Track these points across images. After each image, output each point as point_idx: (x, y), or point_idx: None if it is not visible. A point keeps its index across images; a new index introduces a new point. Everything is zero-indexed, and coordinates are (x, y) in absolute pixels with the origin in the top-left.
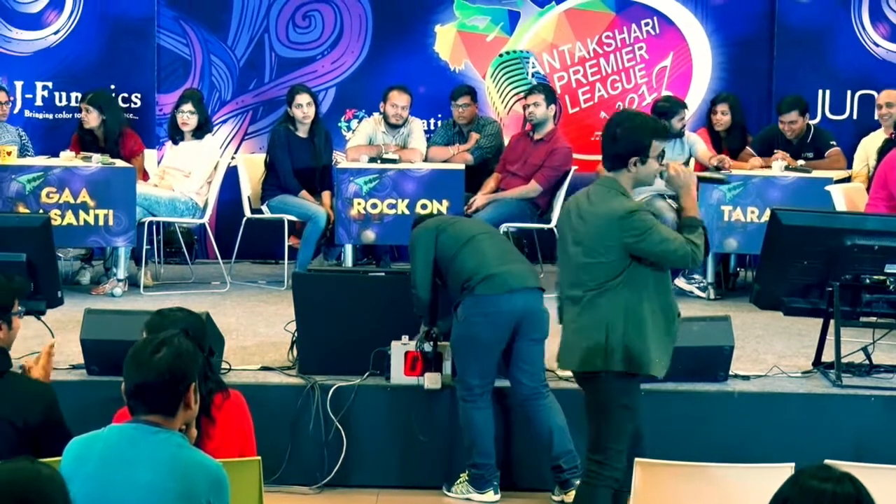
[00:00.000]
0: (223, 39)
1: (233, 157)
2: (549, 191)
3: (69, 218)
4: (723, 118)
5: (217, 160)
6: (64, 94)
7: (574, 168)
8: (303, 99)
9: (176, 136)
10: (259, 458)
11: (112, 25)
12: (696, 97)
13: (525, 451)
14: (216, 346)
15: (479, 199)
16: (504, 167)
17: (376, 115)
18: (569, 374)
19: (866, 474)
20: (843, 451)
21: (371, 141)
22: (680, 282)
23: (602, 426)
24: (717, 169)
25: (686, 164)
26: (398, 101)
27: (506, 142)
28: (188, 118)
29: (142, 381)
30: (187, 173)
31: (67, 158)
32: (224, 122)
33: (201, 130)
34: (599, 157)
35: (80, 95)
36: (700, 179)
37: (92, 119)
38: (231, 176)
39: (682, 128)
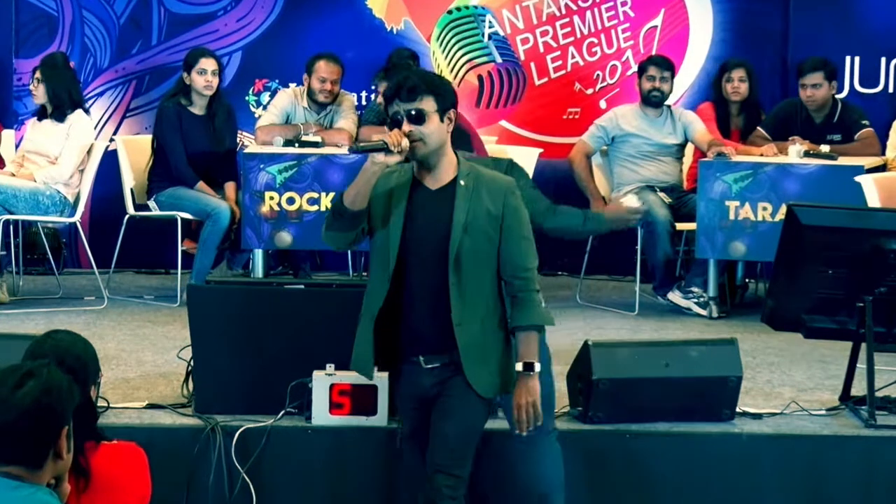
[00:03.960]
0: None
1: (111, 140)
2: None
3: None
4: (741, 86)
5: (91, 143)
6: None
7: (540, 152)
8: (209, 64)
9: (44, 112)
10: None
11: None
12: (693, 65)
13: None
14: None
15: None
16: None
17: (295, 86)
18: None
19: None
20: None
21: (289, 119)
22: (675, 296)
23: None
24: (720, 156)
25: (681, 148)
26: (326, 73)
27: None
28: None
29: (0, 423)
30: (53, 159)
31: None
32: (100, 94)
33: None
34: (573, 140)
35: None
36: None
37: None
38: (109, 163)
39: (651, 90)
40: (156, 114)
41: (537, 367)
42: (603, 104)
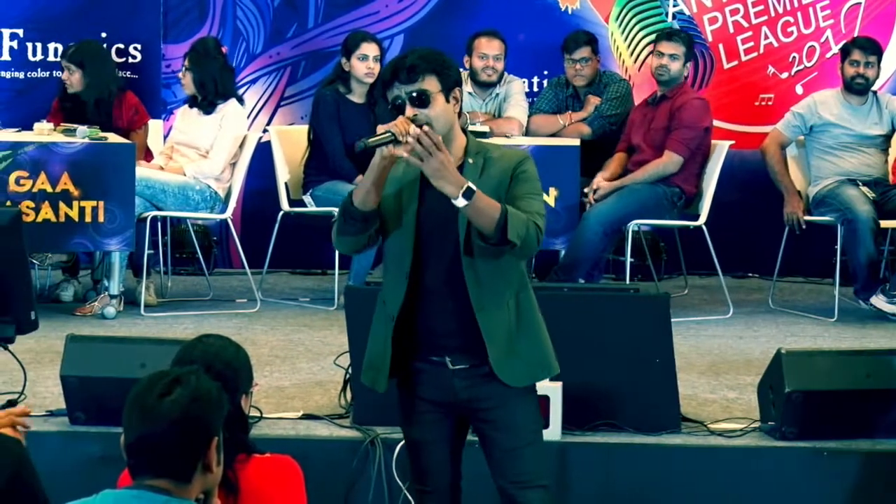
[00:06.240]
0: None
1: (264, 130)
2: (695, 170)
3: (45, 212)
4: None
5: (244, 134)
6: (39, 46)
7: (730, 143)
8: (370, 49)
9: (195, 100)
10: None
11: None
12: None
13: None
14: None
15: (603, 185)
16: (627, 144)
17: (461, 72)
18: None
19: None
20: None
21: None
22: (878, 301)
23: None
24: None
25: (887, 139)
26: (488, 49)
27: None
28: None
29: (147, 433)
30: (204, 152)
31: (43, 131)
32: (253, 82)
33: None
34: (766, 130)
35: (60, 48)
36: None
37: (74, 80)
38: (262, 155)
39: (855, 76)
40: (312, 102)
41: (466, 197)
42: (799, 89)
